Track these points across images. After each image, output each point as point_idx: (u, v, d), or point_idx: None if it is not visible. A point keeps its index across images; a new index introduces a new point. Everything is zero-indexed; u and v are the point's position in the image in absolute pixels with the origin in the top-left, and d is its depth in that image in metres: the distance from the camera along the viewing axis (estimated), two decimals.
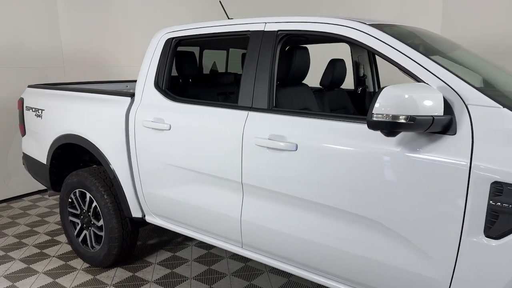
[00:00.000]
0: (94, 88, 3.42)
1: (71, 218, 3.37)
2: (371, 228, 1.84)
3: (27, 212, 4.62)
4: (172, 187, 2.63)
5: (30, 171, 3.80)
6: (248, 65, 2.31)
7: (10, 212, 4.61)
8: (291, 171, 2.05)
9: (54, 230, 4.07)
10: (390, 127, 1.55)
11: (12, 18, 4.81)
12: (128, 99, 2.83)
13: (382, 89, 1.58)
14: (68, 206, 3.35)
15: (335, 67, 3.07)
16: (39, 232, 4.05)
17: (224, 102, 2.95)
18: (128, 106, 2.81)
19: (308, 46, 3.13)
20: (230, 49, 3.82)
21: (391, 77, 3.25)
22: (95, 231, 3.20)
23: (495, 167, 1.51)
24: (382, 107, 1.55)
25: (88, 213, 3.20)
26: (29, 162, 3.74)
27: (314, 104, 2.78)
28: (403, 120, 1.53)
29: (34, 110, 3.52)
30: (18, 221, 4.35)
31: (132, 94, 2.84)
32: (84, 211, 3.24)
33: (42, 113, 3.43)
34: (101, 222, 3.11)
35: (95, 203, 3.11)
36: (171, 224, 2.81)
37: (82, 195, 3.22)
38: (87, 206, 3.19)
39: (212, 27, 2.55)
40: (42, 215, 4.50)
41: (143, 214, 2.95)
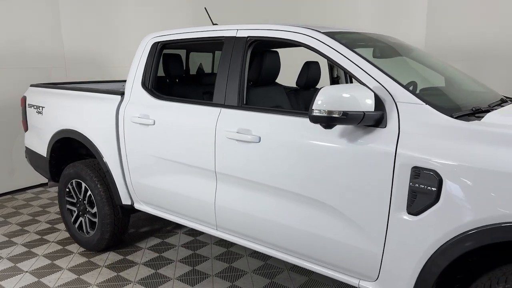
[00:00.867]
0: (91, 87, 3.72)
1: (68, 206, 3.68)
2: (318, 207, 2.13)
3: (30, 203, 4.95)
4: (156, 176, 2.93)
5: (31, 163, 4.12)
6: (222, 67, 2.60)
7: (14, 203, 4.93)
8: (255, 160, 2.34)
9: (54, 219, 4.38)
10: (326, 121, 1.84)
11: (16, 21, 5.13)
12: (119, 97, 3.13)
13: (321, 88, 1.87)
14: (65, 195, 3.66)
15: (309, 68, 3.35)
16: (40, 220, 4.36)
17: (206, 100, 3.24)
18: (119, 103, 3.11)
19: (291, 50, 3.43)
20: (216, 51, 4.11)
21: None
22: (89, 217, 3.51)
23: (414, 154, 1.79)
24: (320, 104, 1.83)
25: (84, 201, 3.51)
26: (31, 155, 4.06)
27: (285, 102, 3.06)
28: (337, 115, 1.81)
29: (35, 107, 3.83)
30: (21, 211, 4.67)
31: (122, 93, 3.14)
32: (80, 199, 3.55)
33: (42, 110, 3.74)
34: (95, 209, 3.41)
35: (89, 192, 3.41)
36: (156, 210, 3.11)
37: (78, 185, 3.52)
38: (83, 195, 3.50)
39: (191, 32, 2.85)
40: (44, 206, 4.82)
41: (132, 202, 3.25)
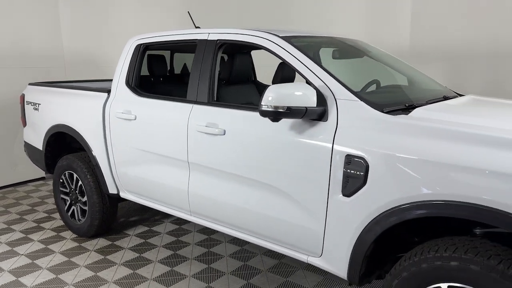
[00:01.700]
0: (82, 85, 4.01)
1: (62, 196, 3.98)
2: (273, 192, 2.39)
3: (30, 194, 5.26)
4: (138, 167, 3.21)
5: (30, 157, 4.42)
6: (195, 67, 2.88)
7: (15, 195, 5.26)
8: (221, 151, 2.61)
9: (52, 209, 4.69)
10: (273, 115, 2.11)
11: (18, 24, 5.45)
12: (105, 95, 3.42)
13: (269, 86, 2.13)
14: (59, 186, 3.96)
15: (283, 69, 3.61)
16: (38, 210, 4.68)
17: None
18: (105, 100, 3.40)
19: None
20: None
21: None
22: (81, 206, 3.80)
23: (347, 144, 2.05)
24: (268, 100, 2.10)
25: (75, 191, 3.80)
26: (29, 149, 4.37)
27: (257, 99, 3.33)
28: (282, 110, 2.08)
29: (32, 104, 4.14)
30: (21, 201, 4.99)
31: (108, 91, 3.43)
32: (72, 189, 3.84)
33: (39, 106, 4.04)
34: (85, 198, 3.71)
35: (80, 182, 3.71)
36: (139, 198, 3.39)
37: (71, 176, 3.82)
38: (75, 185, 3.80)
39: (169, 35, 3.13)
40: (43, 198, 5.13)
41: (118, 191, 3.54)
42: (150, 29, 3.66)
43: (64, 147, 4.06)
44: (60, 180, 3.93)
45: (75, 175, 3.76)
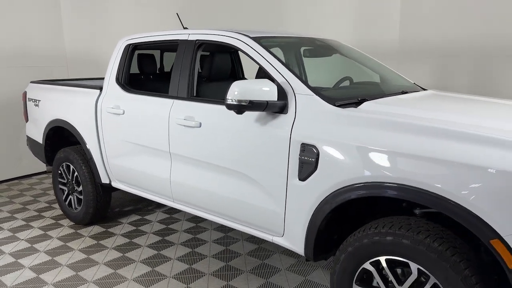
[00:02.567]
0: (78, 83, 4.28)
1: (60, 186, 4.26)
2: (242, 178, 2.63)
3: (34, 187, 5.57)
4: (127, 158, 3.48)
5: (31, 150, 4.72)
6: (176, 65, 3.13)
7: (20, 187, 5.57)
8: (197, 142, 2.86)
9: (53, 200, 4.98)
10: (237, 108, 2.35)
11: (22, 25, 5.76)
12: (98, 91, 3.69)
13: (234, 82, 2.37)
14: (58, 177, 4.24)
15: None
16: (40, 201, 4.97)
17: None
18: (97, 96, 3.66)
19: None
20: None
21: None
22: (77, 195, 4.08)
23: (302, 134, 2.28)
24: (233, 95, 2.34)
25: (72, 181, 4.08)
26: (30, 143, 4.66)
27: None
28: (244, 103, 2.32)
29: (33, 101, 4.43)
30: (25, 193, 5.29)
31: (101, 88, 3.70)
32: (69, 180, 4.12)
33: (39, 103, 4.33)
34: (81, 188, 3.99)
35: (76, 173, 3.99)
36: (128, 187, 3.65)
37: (68, 167, 4.10)
38: (71, 175, 4.07)
39: (155, 36, 3.38)
40: (45, 189, 5.44)
41: (110, 181, 3.81)
42: (150, 29, 3.86)
43: (62, 140, 4.33)
44: (59, 172, 4.22)
45: (71, 167, 4.03)
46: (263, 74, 3.84)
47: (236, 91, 2.35)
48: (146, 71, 3.95)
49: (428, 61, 5.74)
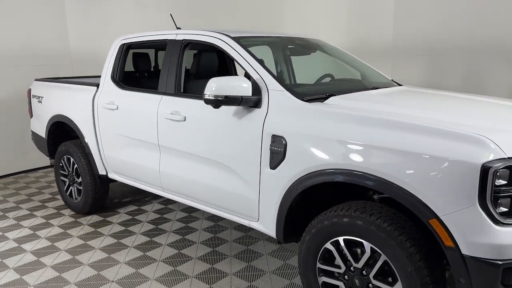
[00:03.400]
0: (77, 80, 4.53)
1: (62, 178, 4.53)
2: (222, 168, 2.85)
3: (39, 180, 5.86)
4: (121, 151, 3.71)
5: (36, 144, 4.99)
6: (164, 63, 3.35)
7: (26, 180, 5.86)
8: (182, 135, 3.08)
9: (56, 191, 5.24)
10: (214, 103, 2.56)
11: (30, 27, 6.04)
12: (95, 88, 3.93)
13: (211, 78, 2.58)
14: (59, 169, 4.51)
15: None
16: (44, 192, 5.25)
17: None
18: (94, 93, 3.90)
19: None
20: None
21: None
22: (77, 186, 4.34)
23: (273, 126, 2.49)
24: (210, 90, 2.55)
25: (72, 173, 4.34)
26: (35, 137, 4.93)
27: None
28: (220, 98, 2.53)
29: (37, 97, 4.69)
30: (30, 185, 5.58)
31: (97, 85, 3.94)
32: (70, 172, 4.38)
33: (42, 99, 4.59)
34: (80, 179, 4.24)
35: (76, 165, 4.24)
36: (123, 178, 3.89)
37: (68, 160, 4.36)
38: (72, 168, 4.33)
39: (147, 35, 3.61)
40: (50, 182, 5.72)
41: (106, 172, 4.06)
42: (150, 29, 4.01)
43: (63, 135, 4.59)
44: (60, 164, 4.48)
45: (72, 159, 4.29)
46: None
47: (213, 87, 2.56)
48: (141, 69, 4.19)
49: (422, 59, 5.88)
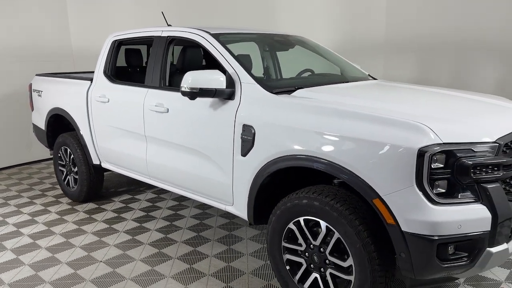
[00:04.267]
0: (74, 75, 4.77)
1: (60, 168, 4.78)
2: (200, 156, 3.06)
3: (42, 170, 6.14)
4: (112, 141, 3.95)
5: (36, 136, 5.25)
6: (151, 58, 3.57)
7: (29, 171, 6.14)
8: (166, 125, 3.29)
9: (57, 182, 5.50)
10: (190, 95, 2.77)
11: (33, 23, 6.31)
12: (89, 83, 4.16)
13: (188, 72, 2.79)
14: (58, 159, 4.76)
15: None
16: (45, 182, 5.52)
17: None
18: (88, 87, 4.14)
19: None
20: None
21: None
22: (74, 175, 4.59)
23: (243, 116, 2.69)
24: (186, 83, 2.76)
25: (69, 163, 4.59)
26: (35, 129, 5.19)
27: None
28: (195, 90, 2.74)
29: (37, 91, 4.94)
30: (33, 176, 5.86)
31: (91, 79, 4.17)
32: (67, 162, 4.63)
33: (41, 93, 4.84)
34: (76, 168, 4.49)
35: (72, 156, 4.49)
36: (114, 167, 4.13)
37: (65, 151, 4.60)
38: (69, 158, 4.58)
39: (136, 32, 3.83)
40: (51, 173, 5.98)
41: (100, 162, 4.30)
42: (154, 25, 4.19)
43: (61, 127, 4.83)
44: (58, 155, 4.73)
45: (68, 150, 4.54)
46: None
47: (189, 80, 2.77)
48: (133, 64, 4.41)
49: (414, 55, 6.03)
